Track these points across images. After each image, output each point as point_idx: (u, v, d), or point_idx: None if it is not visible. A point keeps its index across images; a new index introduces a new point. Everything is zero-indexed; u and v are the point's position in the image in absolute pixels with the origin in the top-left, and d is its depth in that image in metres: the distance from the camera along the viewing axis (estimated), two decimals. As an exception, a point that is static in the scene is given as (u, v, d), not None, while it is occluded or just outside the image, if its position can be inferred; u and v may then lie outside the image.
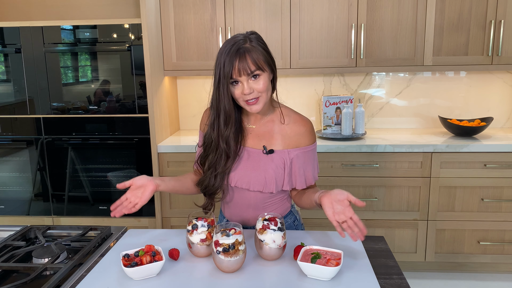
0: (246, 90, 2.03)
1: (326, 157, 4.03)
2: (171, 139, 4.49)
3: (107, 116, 4.18)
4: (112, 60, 4.09)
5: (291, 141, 2.22)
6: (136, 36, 4.03)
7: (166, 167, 4.20)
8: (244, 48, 2.03)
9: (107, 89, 4.15)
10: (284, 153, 2.20)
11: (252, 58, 2.02)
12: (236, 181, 2.23)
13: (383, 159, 4.02)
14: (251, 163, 2.21)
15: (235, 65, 2.01)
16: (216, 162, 2.21)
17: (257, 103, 2.08)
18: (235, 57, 2.01)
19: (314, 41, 4.25)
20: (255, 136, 2.24)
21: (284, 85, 4.77)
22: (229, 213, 2.39)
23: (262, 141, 2.23)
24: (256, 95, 2.06)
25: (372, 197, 4.11)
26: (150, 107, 4.11)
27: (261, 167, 2.20)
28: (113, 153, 4.26)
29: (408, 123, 4.83)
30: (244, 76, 2.03)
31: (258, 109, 2.10)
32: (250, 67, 2.01)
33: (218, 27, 4.25)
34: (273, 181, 2.19)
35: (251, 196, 2.27)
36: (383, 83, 4.77)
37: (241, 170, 2.22)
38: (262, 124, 2.25)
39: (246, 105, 2.10)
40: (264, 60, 2.06)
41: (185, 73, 4.41)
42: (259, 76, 2.05)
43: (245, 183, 2.21)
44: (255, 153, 2.22)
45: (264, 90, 2.07)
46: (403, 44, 4.18)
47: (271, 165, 2.19)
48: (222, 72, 2.03)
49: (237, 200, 2.32)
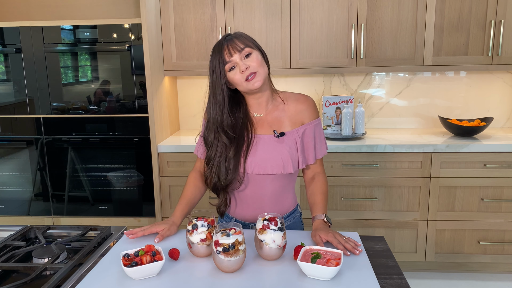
0: (242, 66, 2.10)
1: (326, 157, 4.02)
2: (171, 139, 4.49)
3: (107, 116, 4.19)
4: (112, 60, 4.10)
5: (297, 119, 2.29)
6: (136, 36, 4.03)
7: (166, 167, 4.21)
8: (230, 35, 2.18)
9: (107, 89, 4.15)
10: (293, 133, 2.27)
11: (240, 40, 2.15)
12: (253, 168, 2.24)
13: (383, 159, 4.02)
14: (265, 148, 2.25)
15: (224, 48, 2.12)
16: (224, 150, 2.24)
17: (256, 78, 2.13)
18: (223, 44, 2.14)
19: (314, 41, 4.25)
20: (265, 124, 2.29)
21: (284, 85, 4.74)
22: (241, 209, 2.38)
23: (272, 127, 2.27)
24: (253, 70, 2.12)
25: (372, 197, 4.11)
26: (150, 107, 4.11)
27: (276, 150, 2.24)
28: (113, 153, 4.26)
29: (408, 123, 4.83)
30: (236, 55, 2.11)
31: (259, 84, 2.14)
32: (239, 44, 2.12)
33: (218, 27, 4.25)
34: (289, 161, 2.24)
35: (267, 183, 2.29)
36: (383, 83, 4.76)
37: (257, 157, 2.25)
38: (269, 112, 2.30)
39: (248, 84, 2.14)
40: (252, 43, 2.17)
41: (185, 73, 4.42)
42: (251, 54, 2.13)
43: (262, 169, 2.24)
44: (267, 139, 2.26)
45: (259, 65, 2.13)
46: (403, 44, 4.18)
47: (284, 146, 2.24)
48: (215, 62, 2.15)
49: (252, 191, 2.31)
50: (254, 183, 2.29)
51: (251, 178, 2.28)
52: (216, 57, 2.15)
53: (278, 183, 2.30)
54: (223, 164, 2.23)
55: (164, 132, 4.45)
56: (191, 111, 4.97)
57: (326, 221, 2.21)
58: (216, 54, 2.15)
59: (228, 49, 2.12)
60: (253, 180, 2.28)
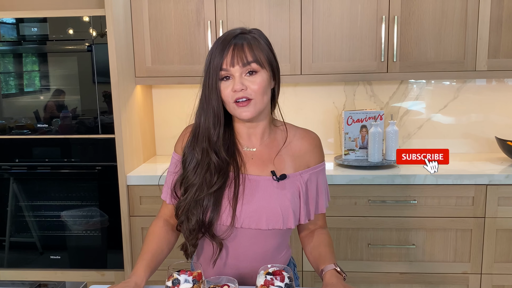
0: (236, 85, 2.09)
1: (348, 191, 4.00)
2: (144, 167, 4.50)
3: (61, 137, 4.19)
4: (67, 64, 4.09)
5: (301, 160, 2.31)
6: (99, 32, 4.03)
7: (138, 204, 4.18)
8: (242, 36, 2.14)
9: (61, 102, 4.15)
10: (296, 177, 2.28)
11: (251, 49, 2.11)
12: (243, 220, 2.20)
13: (423, 194, 3.99)
14: (259, 194, 2.22)
15: (228, 52, 2.10)
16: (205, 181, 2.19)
17: (247, 107, 2.12)
18: (229, 45, 2.11)
19: (332, 39, 4.23)
20: (258, 162, 2.28)
21: (292, 97, 4.77)
22: (220, 266, 2.34)
23: (269, 166, 2.27)
24: (249, 95, 2.11)
25: (409, 244, 4.07)
26: (118, 126, 4.10)
27: (274, 198, 2.22)
28: (68, 185, 4.25)
29: (456, 146, 4.80)
30: (238, 67, 2.10)
31: (248, 116, 2.14)
32: (247, 56, 2.10)
33: (207, 20, 4.24)
34: (290, 214, 2.23)
35: (259, 240, 2.27)
36: (422, 94, 4.76)
37: (248, 205, 2.21)
38: (264, 146, 2.31)
39: (235, 108, 2.14)
40: (265, 57, 2.15)
41: (163, 81, 4.43)
42: (256, 74, 2.12)
43: (254, 222, 2.21)
44: (262, 182, 2.24)
45: (259, 92, 2.12)
46: (449, 42, 4.16)
47: (285, 193, 2.23)
48: (213, 63, 2.12)
49: (238, 247, 2.28)
50: (240, 239, 2.26)
51: (238, 233, 2.25)
52: (217, 54, 2.12)
53: (273, 241, 2.30)
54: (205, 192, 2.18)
55: (136, 159, 4.44)
56: (170, 131, 4.88)
57: (339, 271, 2.18)
58: (218, 50, 2.12)
59: (232, 54, 2.09)
60: (240, 236, 2.26)
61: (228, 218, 2.18)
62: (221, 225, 2.21)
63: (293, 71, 4.26)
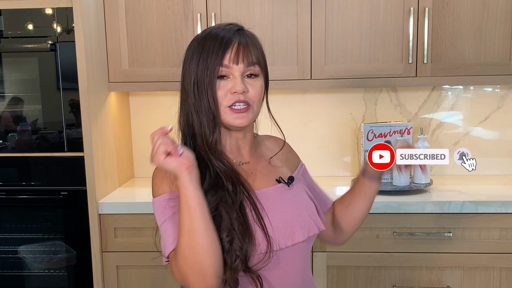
0: (238, 86, 2.13)
1: (368, 221, 3.85)
2: (120, 192, 4.49)
3: (19, 156, 4.17)
4: (26, 66, 4.07)
5: (290, 162, 2.52)
6: (65, 27, 3.98)
7: (112, 237, 4.14)
8: (244, 33, 2.22)
9: (18, 112, 4.13)
10: (297, 177, 2.45)
11: (256, 49, 2.21)
12: (278, 240, 2.17)
13: (460, 225, 3.94)
14: (280, 205, 2.27)
15: (232, 48, 2.14)
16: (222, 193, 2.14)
17: (246, 113, 2.19)
18: (232, 39, 2.16)
19: (349, 36, 4.21)
20: (259, 174, 2.36)
21: (300, 107, 4.68)
22: None
23: (270, 176, 2.36)
24: (250, 100, 2.18)
25: (442, 286, 4.01)
26: (87, 142, 4.05)
27: (296, 204, 2.31)
28: (28, 214, 4.23)
29: (500, 166, 4.80)
30: (242, 65, 2.15)
31: (244, 123, 2.20)
32: (252, 56, 2.17)
33: (196, 13, 4.21)
34: (315, 212, 2.36)
35: (297, 260, 2.29)
36: (459, 103, 4.74)
37: (277, 221, 2.20)
38: (254, 158, 2.41)
39: (228, 113, 2.18)
40: (264, 62, 2.26)
41: (142, 87, 4.39)
42: (257, 77, 2.21)
43: (289, 238, 2.22)
44: (274, 193, 2.30)
45: (257, 99, 2.22)
46: (491, 40, 4.13)
47: (301, 195, 2.38)
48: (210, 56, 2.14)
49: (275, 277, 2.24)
50: (277, 265, 2.21)
51: (275, 258, 2.19)
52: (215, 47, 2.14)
53: (307, 260, 2.39)
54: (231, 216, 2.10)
55: (110, 182, 4.42)
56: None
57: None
58: (216, 44, 2.14)
59: (237, 51, 2.13)
60: (276, 261, 2.20)
61: (263, 242, 2.13)
62: (257, 253, 2.13)
63: (301, 75, 4.21)
